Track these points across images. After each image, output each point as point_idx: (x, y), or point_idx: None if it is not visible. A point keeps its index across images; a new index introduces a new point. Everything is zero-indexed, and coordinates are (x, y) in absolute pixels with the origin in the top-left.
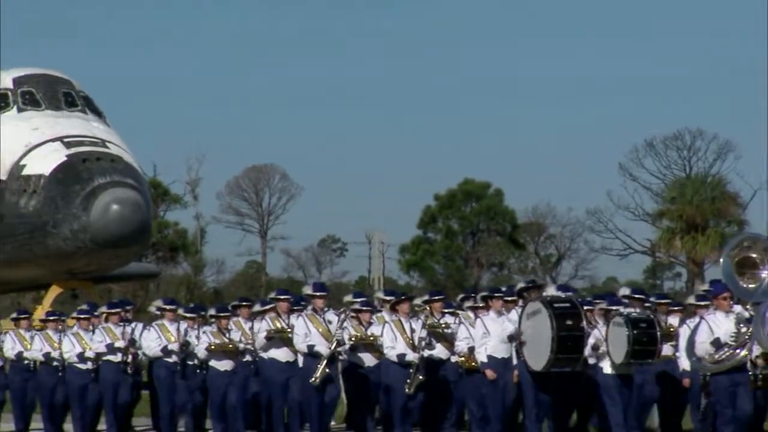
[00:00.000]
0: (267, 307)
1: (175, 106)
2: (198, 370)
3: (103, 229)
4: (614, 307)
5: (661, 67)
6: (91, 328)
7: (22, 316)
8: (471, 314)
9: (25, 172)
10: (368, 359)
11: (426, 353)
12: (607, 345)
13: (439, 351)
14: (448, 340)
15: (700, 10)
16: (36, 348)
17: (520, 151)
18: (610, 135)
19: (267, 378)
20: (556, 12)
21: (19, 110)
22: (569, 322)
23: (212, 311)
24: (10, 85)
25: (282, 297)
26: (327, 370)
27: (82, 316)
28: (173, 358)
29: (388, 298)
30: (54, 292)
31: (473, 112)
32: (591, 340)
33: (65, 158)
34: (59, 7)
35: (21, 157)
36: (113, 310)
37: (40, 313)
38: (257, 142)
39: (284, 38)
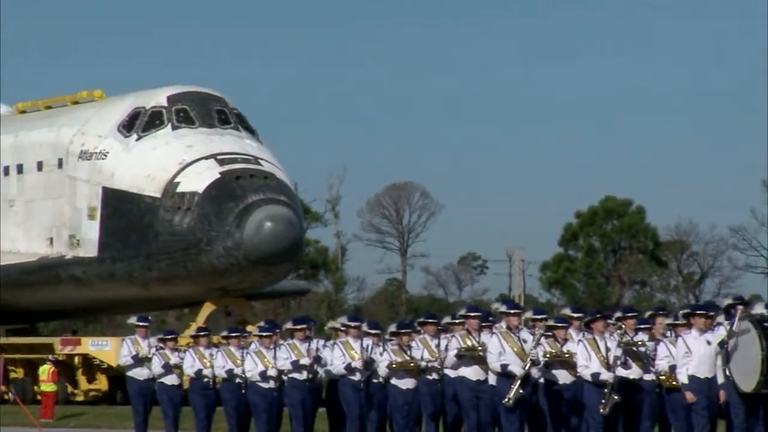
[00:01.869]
0: (455, 320)
1: (316, 125)
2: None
3: (256, 246)
4: None
5: None
6: (272, 345)
7: (202, 333)
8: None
9: (180, 189)
10: (563, 376)
11: (621, 372)
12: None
13: (634, 371)
14: (642, 360)
15: None
16: (219, 365)
17: (661, 169)
18: (752, 151)
19: (456, 396)
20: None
21: (174, 128)
22: None
23: (393, 328)
24: (164, 102)
25: (472, 314)
26: (521, 391)
27: (264, 334)
28: (357, 376)
29: (576, 315)
30: (207, 309)
31: (613, 130)
32: None
33: (219, 175)
34: (204, 25)
35: (175, 175)
36: (298, 326)
37: (193, 329)
38: (398, 160)
39: (421, 56)
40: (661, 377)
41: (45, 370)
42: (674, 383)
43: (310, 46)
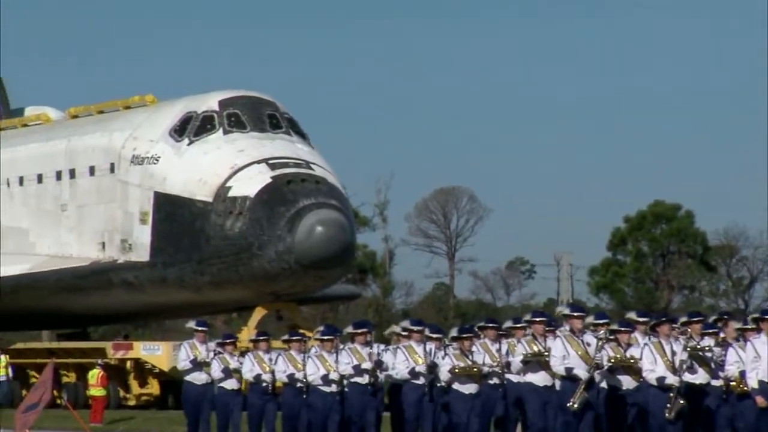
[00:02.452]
0: (518, 325)
1: (364, 129)
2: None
3: (308, 251)
4: None
5: None
6: (333, 350)
7: (261, 338)
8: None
9: (231, 193)
10: (627, 382)
11: (687, 377)
12: None
13: (700, 375)
14: (708, 364)
15: None
16: (279, 369)
17: (710, 173)
18: None
19: (523, 402)
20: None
21: (225, 132)
22: None
23: (454, 332)
24: (215, 107)
25: (537, 319)
26: (586, 395)
27: (325, 338)
28: (421, 380)
29: (642, 319)
30: (259, 313)
31: (662, 134)
32: None
33: (270, 180)
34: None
35: (227, 179)
36: (359, 331)
37: (246, 334)
38: (445, 164)
39: (469, 59)
40: (731, 383)
41: (94, 375)
42: (744, 388)
43: (359, 50)
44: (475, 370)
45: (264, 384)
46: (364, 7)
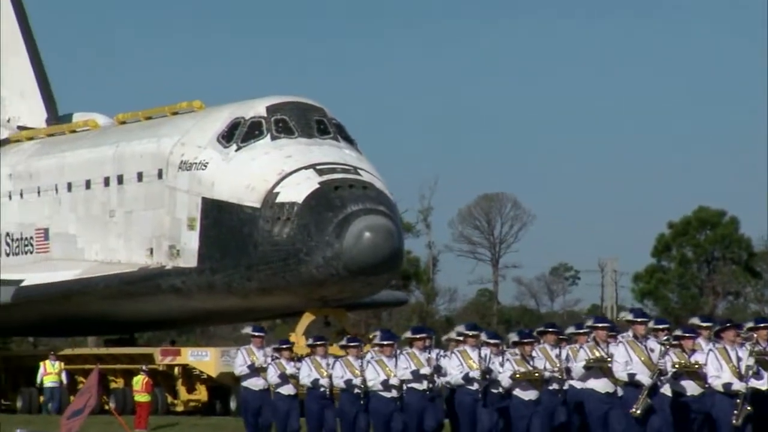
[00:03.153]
0: (581, 330)
1: (407, 135)
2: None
3: (355, 257)
4: None
5: None
6: (392, 355)
7: (319, 342)
8: None
9: (279, 199)
10: (691, 388)
11: (753, 383)
12: None
13: (766, 381)
14: None
15: None
16: (337, 375)
17: (755, 179)
18: None
19: (586, 409)
20: None
21: (273, 138)
22: None
23: (515, 337)
24: (263, 113)
25: (600, 325)
26: (649, 401)
27: (385, 343)
28: (475, 386)
29: (705, 324)
30: (307, 319)
31: (707, 140)
32: None
33: (318, 185)
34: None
35: (274, 185)
36: (417, 336)
37: (296, 340)
38: (489, 171)
39: (510, 65)
40: None
41: (138, 381)
42: None
43: (403, 57)
44: (536, 375)
45: (322, 389)
46: (409, 11)
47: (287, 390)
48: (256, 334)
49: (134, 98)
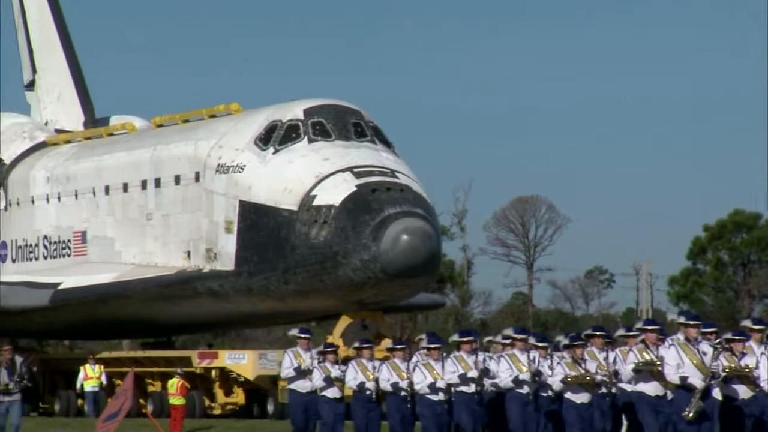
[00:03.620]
0: (629, 333)
1: (442, 138)
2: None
3: (393, 260)
4: None
5: None
6: (439, 358)
7: (365, 345)
8: None
9: (316, 202)
10: (742, 391)
11: None
12: None
13: None
14: None
15: None
16: (383, 378)
17: None
18: None
19: (631, 411)
20: None
21: (310, 141)
22: None
23: (565, 340)
24: (300, 115)
25: (650, 327)
26: (701, 404)
27: (432, 346)
28: (525, 389)
29: (757, 327)
30: (344, 322)
31: (743, 142)
32: None
33: (355, 188)
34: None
35: (312, 188)
36: (465, 339)
37: (340, 343)
38: (523, 174)
39: (544, 67)
40: None
41: (173, 384)
42: None
43: (437, 59)
44: (588, 379)
45: (368, 392)
46: (443, 13)
47: (332, 393)
48: (303, 336)
49: (171, 101)
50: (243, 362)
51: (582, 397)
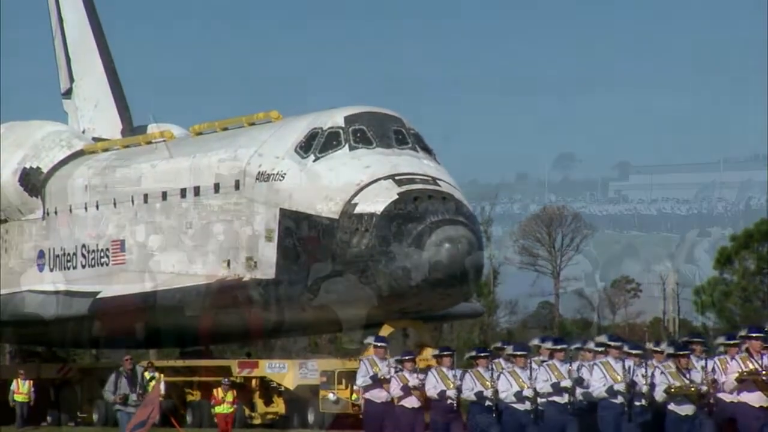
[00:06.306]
0: (731, 341)
1: (467, 146)
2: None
3: (435, 268)
4: None
5: None
6: (526, 366)
7: (446, 353)
8: None
9: (357, 210)
10: None
11: None
12: None
13: None
14: None
15: None
16: (467, 387)
17: None
18: None
19: (738, 424)
20: None
21: (351, 148)
22: None
23: (669, 350)
24: (341, 123)
25: (754, 335)
26: None
27: (518, 353)
28: (619, 399)
29: None
30: (386, 330)
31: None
32: None
33: (396, 196)
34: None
35: (353, 196)
36: (558, 347)
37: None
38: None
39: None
40: None
41: (227, 392)
42: None
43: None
44: (692, 389)
45: (449, 401)
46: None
47: (411, 402)
48: (379, 344)
49: (210, 109)
50: (283, 372)
51: (686, 409)
